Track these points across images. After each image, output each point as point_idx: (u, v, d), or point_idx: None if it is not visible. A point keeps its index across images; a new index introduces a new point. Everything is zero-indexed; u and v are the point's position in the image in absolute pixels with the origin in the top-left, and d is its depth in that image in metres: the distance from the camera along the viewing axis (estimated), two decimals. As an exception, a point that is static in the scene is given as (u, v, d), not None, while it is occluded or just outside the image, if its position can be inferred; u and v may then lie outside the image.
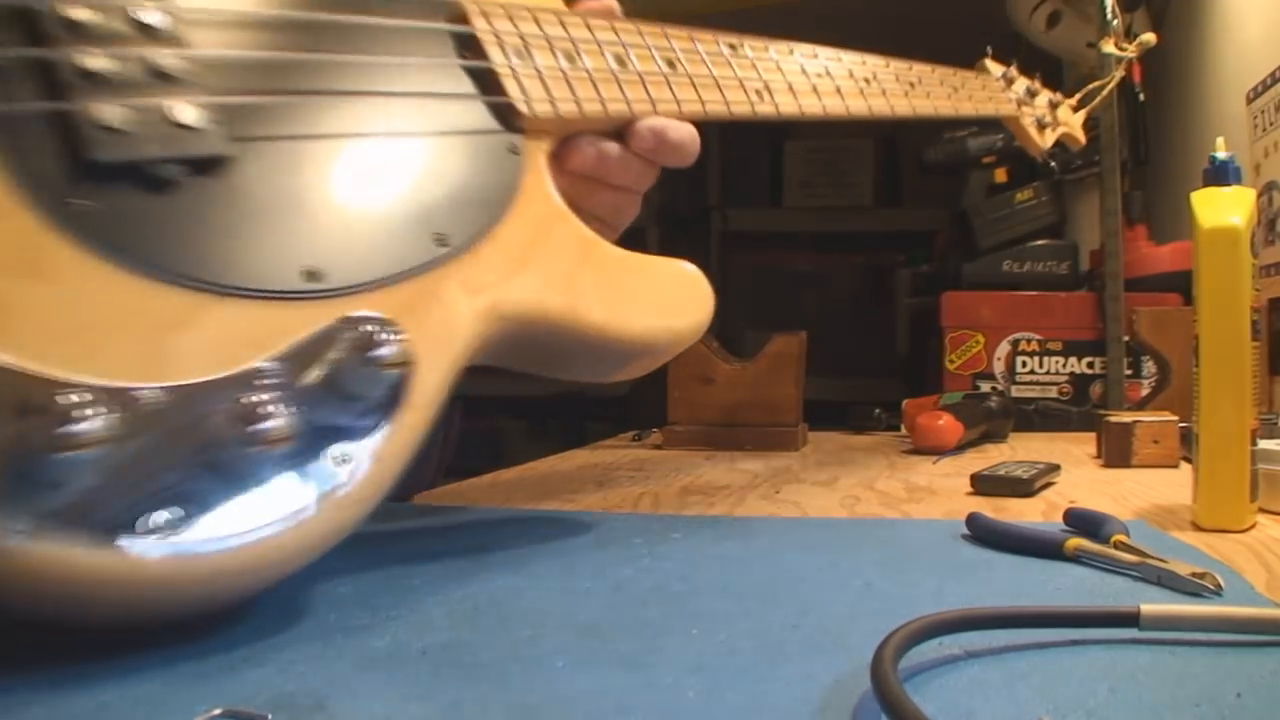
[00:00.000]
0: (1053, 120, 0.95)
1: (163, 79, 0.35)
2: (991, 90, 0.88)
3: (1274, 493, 0.56)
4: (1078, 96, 1.04)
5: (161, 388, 0.32)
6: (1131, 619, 0.34)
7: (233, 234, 0.36)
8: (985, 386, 1.32)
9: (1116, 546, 0.45)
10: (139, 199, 0.34)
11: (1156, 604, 0.34)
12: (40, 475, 0.29)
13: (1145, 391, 1.26)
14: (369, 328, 0.36)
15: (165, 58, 0.36)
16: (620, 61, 0.53)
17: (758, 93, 0.60)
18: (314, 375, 0.35)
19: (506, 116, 0.47)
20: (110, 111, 0.34)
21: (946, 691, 0.29)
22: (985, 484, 0.69)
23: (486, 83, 0.47)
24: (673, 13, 0.60)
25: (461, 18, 0.48)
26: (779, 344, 1.04)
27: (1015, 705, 0.28)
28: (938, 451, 0.95)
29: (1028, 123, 0.92)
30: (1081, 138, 1.01)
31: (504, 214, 0.45)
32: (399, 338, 0.37)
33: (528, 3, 0.51)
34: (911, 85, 0.74)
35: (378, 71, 0.43)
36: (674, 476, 0.80)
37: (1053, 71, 1.72)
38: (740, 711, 0.28)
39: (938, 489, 0.72)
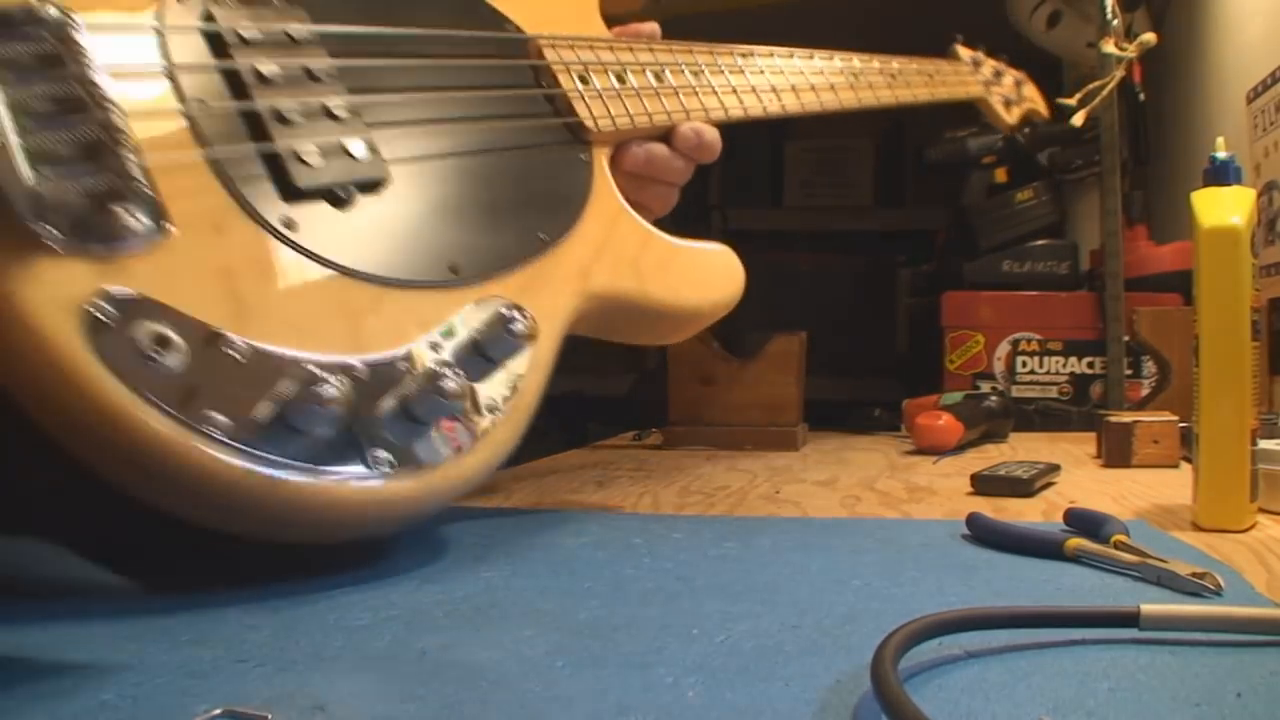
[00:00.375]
0: (1018, 97, 1.00)
1: (333, 118, 0.45)
2: (962, 74, 0.96)
3: (1274, 493, 0.56)
4: (1078, 96, 1.04)
5: (367, 361, 0.42)
6: (1131, 619, 0.34)
7: (395, 238, 0.46)
8: (985, 386, 1.32)
9: (1116, 546, 0.45)
10: (329, 214, 0.44)
11: (1156, 604, 0.34)
12: (297, 425, 0.38)
13: (1145, 391, 1.26)
14: (505, 308, 0.46)
15: (335, 103, 0.46)
16: (658, 77, 0.63)
17: (768, 95, 0.70)
18: (467, 346, 0.45)
19: (577, 132, 0.58)
20: (306, 147, 0.44)
21: (946, 691, 0.29)
22: (985, 484, 0.69)
23: (560, 106, 0.58)
24: (685, 10, 0.66)
25: (537, 52, 0.58)
26: (779, 344, 1.04)
27: (1015, 705, 0.28)
28: (938, 451, 0.95)
29: (995, 101, 0.98)
30: (1044, 110, 1.04)
31: (582, 213, 0.56)
32: (528, 315, 0.46)
33: (580, 32, 0.60)
34: (893, 76, 0.82)
35: (481, 103, 0.53)
36: (674, 476, 0.80)
37: (1053, 71, 1.73)
38: (740, 711, 0.28)
39: (938, 489, 0.72)
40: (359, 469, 0.40)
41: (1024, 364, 1.33)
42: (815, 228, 2.47)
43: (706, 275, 0.63)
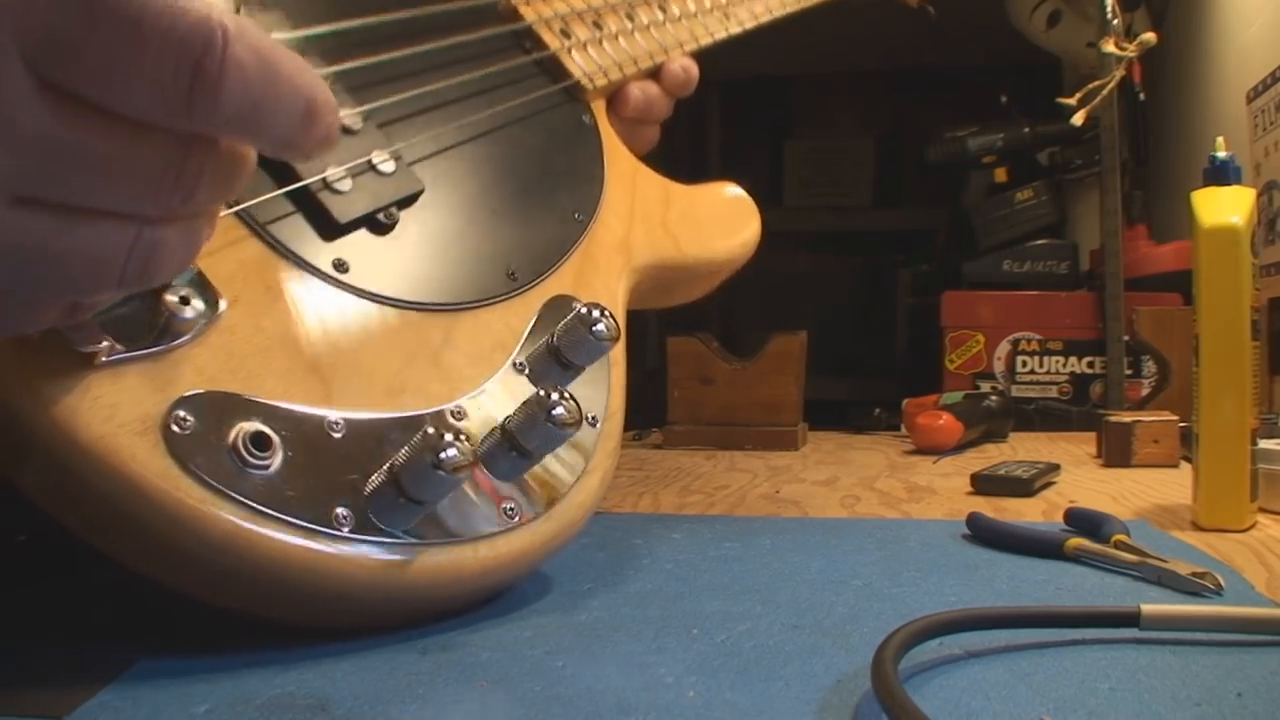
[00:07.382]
0: None
1: (348, 132, 0.40)
2: None
3: (1274, 493, 0.56)
4: (1078, 96, 1.04)
5: (462, 405, 0.38)
6: (1131, 619, 0.34)
7: (447, 254, 0.41)
8: (985, 386, 1.32)
9: (1117, 546, 0.45)
10: (376, 244, 0.39)
11: (1156, 604, 0.34)
12: (418, 496, 0.33)
13: (1145, 391, 1.26)
14: (585, 309, 0.40)
15: (344, 114, 0.39)
16: (630, 17, 0.60)
17: (723, 16, 0.68)
18: (547, 357, 0.41)
19: (574, 93, 0.54)
20: (333, 172, 0.38)
21: (947, 691, 0.29)
22: (985, 484, 0.69)
23: (551, 68, 0.53)
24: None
25: (512, 13, 0.53)
26: (779, 344, 1.04)
27: (1015, 705, 0.28)
28: (938, 451, 0.95)
29: None
30: None
31: (604, 180, 0.52)
32: (609, 314, 0.41)
33: None
34: None
35: (478, 82, 0.48)
36: (674, 476, 0.80)
37: (1053, 71, 1.73)
38: (740, 711, 0.28)
39: (938, 489, 0.72)
40: (491, 525, 0.36)
41: (1024, 364, 1.34)
42: (815, 228, 2.47)
43: (727, 217, 0.60)
